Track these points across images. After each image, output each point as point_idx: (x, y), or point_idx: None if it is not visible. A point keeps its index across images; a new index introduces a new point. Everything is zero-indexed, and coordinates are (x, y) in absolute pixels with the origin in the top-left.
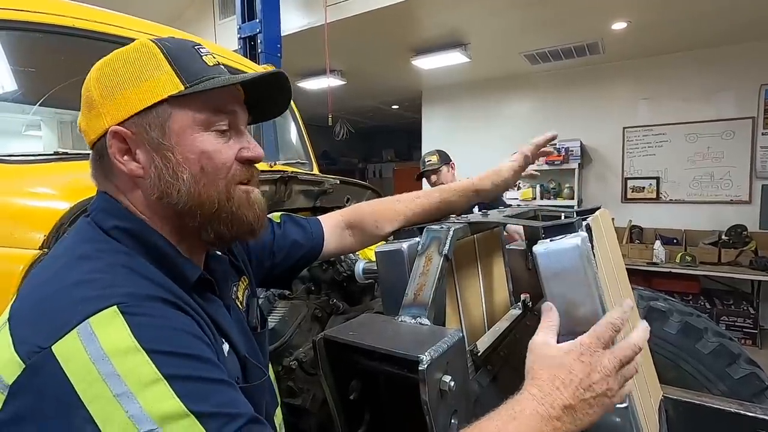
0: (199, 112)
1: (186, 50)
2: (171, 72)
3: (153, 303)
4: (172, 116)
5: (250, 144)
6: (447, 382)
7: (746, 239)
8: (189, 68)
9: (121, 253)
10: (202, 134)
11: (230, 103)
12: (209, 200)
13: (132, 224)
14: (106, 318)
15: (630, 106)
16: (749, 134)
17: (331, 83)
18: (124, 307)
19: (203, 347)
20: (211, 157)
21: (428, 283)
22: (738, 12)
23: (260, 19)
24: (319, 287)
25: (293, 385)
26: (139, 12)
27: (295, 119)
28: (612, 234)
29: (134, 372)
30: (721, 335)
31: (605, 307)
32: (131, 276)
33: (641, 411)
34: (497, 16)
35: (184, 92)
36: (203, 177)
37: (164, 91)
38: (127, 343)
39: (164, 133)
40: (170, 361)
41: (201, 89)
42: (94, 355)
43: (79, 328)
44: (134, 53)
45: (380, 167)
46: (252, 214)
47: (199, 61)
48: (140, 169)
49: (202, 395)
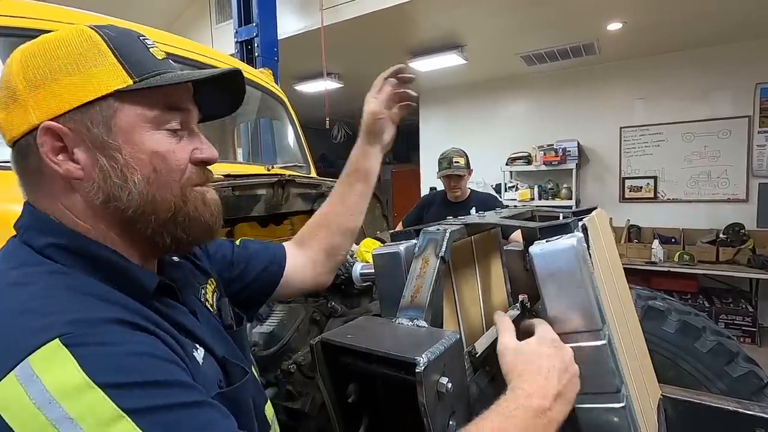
0: (149, 109)
1: (131, 41)
2: (116, 64)
3: (103, 327)
4: (119, 112)
5: (204, 144)
6: (444, 384)
7: (744, 237)
8: (137, 61)
9: (58, 274)
10: (153, 133)
11: (183, 100)
12: (164, 204)
13: (70, 239)
14: (48, 354)
15: (626, 106)
16: (745, 133)
17: (329, 86)
18: (68, 339)
19: (168, 368)
20: (165, 157)
21: (425, 285)
22: (733, 12)
23: (257, 22)
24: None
25: (292, 389)
26: (136, 17)
27: (292, 122)
28: (609, 234)
29: (90, 412)
30: (719, 334)
31: (602, 307)
32: (74, 298)
33: (640, 410)
34: (493, 17)
35: (133, 87)
36: (156, 179)
37: (109, 84)
38: (77, 380)
39: (109, 130)
40: (130, 393)
41: (153, 84)
42: (38, 400)
43: (16, 370)
44: (71, 40)
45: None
46: (209, 214)
47: (146, 53)
48: (79, 170)
49: (172, 425)
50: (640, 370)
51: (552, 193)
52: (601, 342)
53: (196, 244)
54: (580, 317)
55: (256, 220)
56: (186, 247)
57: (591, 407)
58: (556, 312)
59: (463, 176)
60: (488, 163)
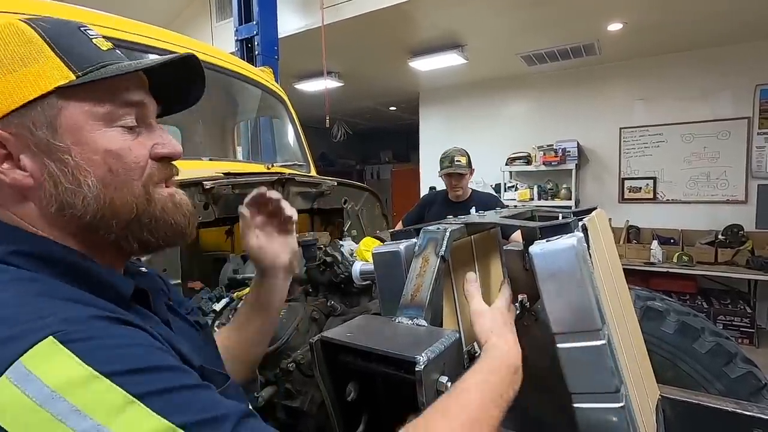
0: (98, 105)
1: (70, 32)
2: (55, 58)
3: (94, 323)
4: (63, 111)
5: (165, 139)
6: (444, 382)
7: (742, 239)
8: (78, 53)
9: (26, 281)
10: (105, 131)
11: (135, 92)
12: (125, 206)
13: (35, 246)
14: (43, 352)
15: (626, 107)
16: (745, 134)
17: (329, 85)
18: (62, 336)
19: (165, 356)
20: (120, 156)
21: (425, 284)
22: (732, 13)
23: (257, 21)
24: (316, 289)
25: (291, 387)
26: (135, 14)
27: (292, 121)
28: (608, 234)
29: (99, 401)
30: (717, 334)
31: (601, 307)
32: (53, 303)
33: (638, 410)
34: (494, 17)
35: (76, 82)
36: (113, 180)
37: (49, 81)
38: (80, 372)
39: (55, 131)
40: (136, 379)
41: (98, 77)
42: (38, 397)
43: (8, 372)
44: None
45: (378, 169)
46: (180, 215)
47: (89, 44)
48: (28, 177)
49: (182, 406)
50: (639, 370)
51: (551, 194)
52: (600, 342)
53: (167, 246)
54: (579, 317)
55: None
56: (154, 249)
57: (590, 407)
58: (555, 312)
59: (465, 175)
60: (488, 163)
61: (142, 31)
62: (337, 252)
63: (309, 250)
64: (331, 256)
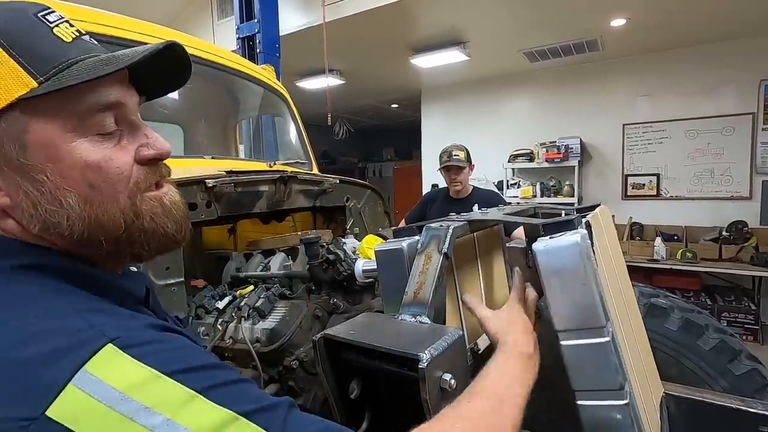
0: (69, 115)
1: (27, 24)
2: (11, 63)
3: (143, 331)
4: (31, 125)
5: (150, 138)
6: (447, 380)
7: (747, 235)
8: (38, 53)
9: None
10: (80, 141)
11: (111, 91)
12: (112, 221)
13: (39, 257)
14: (105, 358)
15: (629, 103)
16: (749, 130)
17: (330, 83)
18: (121, 342)
19: (208, 355)
20: (100, 168)
21: (428, 282)
22: (737, 8)
23: (258, 19)
24: (319, 287)
25: (294, 385)
26: (136, 12)
27: (294, 119)
28: (612, 231)
29: (165, 398)
30: (722, 331)
31: (605, 304)
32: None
33: (642, 408)
34: (496, 13)
35: (40, 91)
36: (96, 195)
37: (8, 92)
38: (143, 373)
39: (25, 148)
40: (194, 376)
41: (64, 85)
42: (109, 400)
43: (75, 380)
44: None
45: (380, 166)
46: (171, 222)
47: (50, 36)
48: (5, 197)
49: (239, 397)
50: (643, 367)
51: (554, 191)
52: (604, 339)
53: (160, 254)
54: (583, 314)
55: (258, 216)
56: (148, 259)
57: (594, 404)
58: (559, 309)
59: (463, 169)
60: (490, 160)
61: (142, 29)
62: (339, 250)
63: (312, 248)
64: (333, 254)
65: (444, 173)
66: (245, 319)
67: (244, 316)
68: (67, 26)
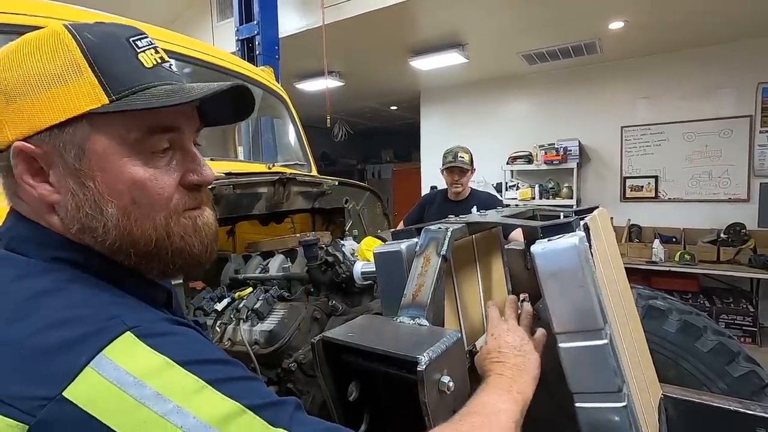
0: (129, 132)
1: (114, 46)
2: (92, 77)
3: (161, 323)
4: (93, 136)
5: (198, 165)
6: (446, 382)
7: (745, 237)
8: (117, 73)
9: (81, 280)
10: (132, 158)
11: (173, 118)
12: (144, 237)
13: (75, 254)
14: (123, 345)
15: (628, 106)
16: (747, 132)
17: (330, 84)
18: (138, 331)
19: (220, 352)
20: (145, 187)
21: (426, 284)
22: (735, 10)
23: (258, 21)
24: (318, 289)
25: (293, 387)
26: (136, 14)
27: (293, 121)
28: (610, 233)
29: (177, 386)
30: (720, 333)
31: (603, 306)
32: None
33: (641, 410)
34: (495, 16)
35: (109, 109)
36: (135, 210)
37: (81, 104)
38: (157, 361)
39: (82, 156)
40: (206, 368)
41: (129, 108)
42: (123, 384)
43: (93, 363)
44: (44, 47)
45: (379, 168)
46: (198, 243)
47: (133, 61)
48: (55, 194)
49: (248, 391)
50: (642, 369)
51: (553, 193)
52: (602, 341)
53: (184, 274)
54: (581, 316)
55: (257, 218)
56: (174, 276)
57: (592, 407)
58: (557, 311)
59: (467, 172)
60: (489, 162)
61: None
62: (338, 252)
63: (310, 250)
64: (332, 256)
65: (446, 174)
66: (244, 320)
67: (242, 317)
68: (153, 52)
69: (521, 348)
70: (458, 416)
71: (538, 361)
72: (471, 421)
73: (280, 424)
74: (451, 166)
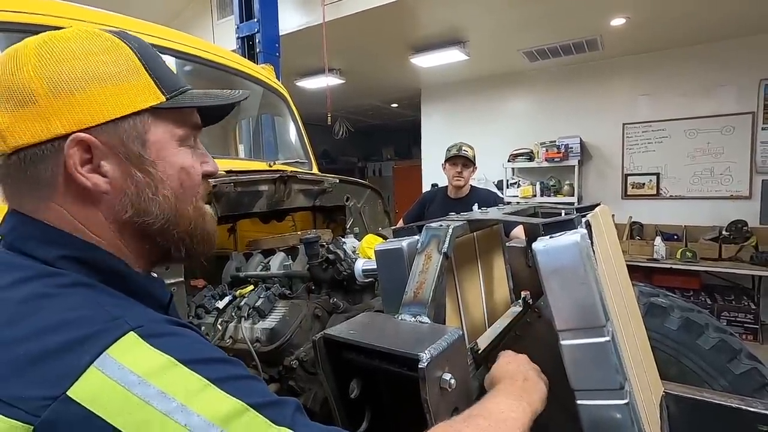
0: (178, 127)
1: (154, 54)
2: (149, 80)
3: (163, 324)
4: (152, 128)
5: (208, 157)
6: (447, 380)
7: (747, 234)
8: (165, 76)
9: (82, 286)
10: (180, 149)
11: (198, 118)
12: (185, 217)
13: (84, 252)
14: (127, 345)
15: (629, 103)
16: (749, 129)
17: (330, 82)
18: (142, 331)
19: (221, 352)
20: (189, 173)
21: (428, 282)
22: (737, 6)
23: (258, 18)
24: (319, 286)
25: (294, 385)
26: (137, 12)
27: (294, 118)
28: (612, 230)
29: (180, 385)
30: (721, 331)
31: (605, 303)
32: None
33: (642, 407)
34: (495, 13)
35: (166, 105)
36: (182, 194)
37: (145, 100)
38: (160, 360)
39: (144, 145)
40: (209, 367)
41: (184, 105)
42: (128, 382)
43: (96, 363)
44: (100, 49)
45: (380, 166)
46: (213, 229)
47: (168, 69)
48: (107, 183)
49: (250, 390)
50: (643, 366)
51: (554, 190)
52: (604, 339)
53: (202, 256)
54: (583, 314)
55: (258, 216)
56: (193, 258)
57: (594, 404)
58: (559, 308)
59: (470, 166)
60: (490, 160)
61: (143, 29)
62: (339, 249)
63: (311, 248)
64: (333, 254)
65: (449, 166)
66: (245, 318)
67: (243, 315)
68: None
69: (528, 372)
70: (463, 417)
71: (546, 387)
72: (476, 423)
73: (283, 423)
74: (454, 155)
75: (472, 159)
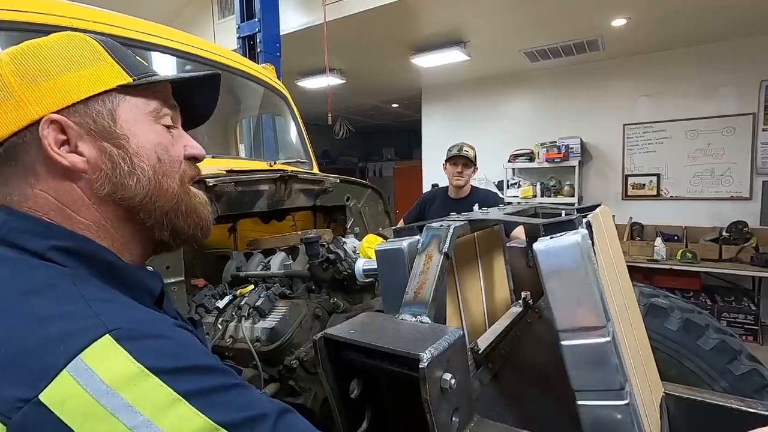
0: (147, 103)
1: (122, 47)
2: (113, 63)
3: (146, 323)
4: (121, 105)
5: (192, 142)
6: (447, 380)
7: (747, 235)
8: (131, 63)
9: (69, 277)
10: (153, 125)
11: (171, 99)
12: (169, 191)
13: (74, 242)
14: (100, 349)
15: (630, 103)
16: (750, 130)
17: (331, 82)
18: (117, 333)
19: (205, 356)
20: (166, 148)
21: (428, 281)
22: (738, 7)
23: (259, 18)
24: (319, 286)
25: (294, 384)
26: (137, 12)
27: (294, 118)
28: (612, 231)
29: (147, 398)
30: (722, 332)
31: (606, 304)
32: (103, 303)
33: (643, 408)
34: (496, 13)
35: (133, 83)
36: (160, 168)
37: (111, 81)
38: (131, 369)
39: (115, 121)
40: (181, 377)
41: (151, 81)
42: (95, 392)
43: (69, 367)
44: (67, 43)
45: (380, 166)
46: (205, 212)
47: (135, 59)
48: (84, 162)
49: (224, 405)
50: (643, 367)
51: (554, 191)
52: (605, 339)
53: (192, 239)
54: (584, 314)
55: (259, 215)
56: (182, 241)
57: (594, 404)
58: (560, 309)
59: (470, 166)
60: (490, 160)
61: (144, 28)
62: (340, 249)
63: (312, 248)
64: (334, 254)
65: (449, 166)
66: (245, 318)
67: (244, 315)
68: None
69: None
70: None
71: None
72: None
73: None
74: (455, 155)
75: (473, 159)
